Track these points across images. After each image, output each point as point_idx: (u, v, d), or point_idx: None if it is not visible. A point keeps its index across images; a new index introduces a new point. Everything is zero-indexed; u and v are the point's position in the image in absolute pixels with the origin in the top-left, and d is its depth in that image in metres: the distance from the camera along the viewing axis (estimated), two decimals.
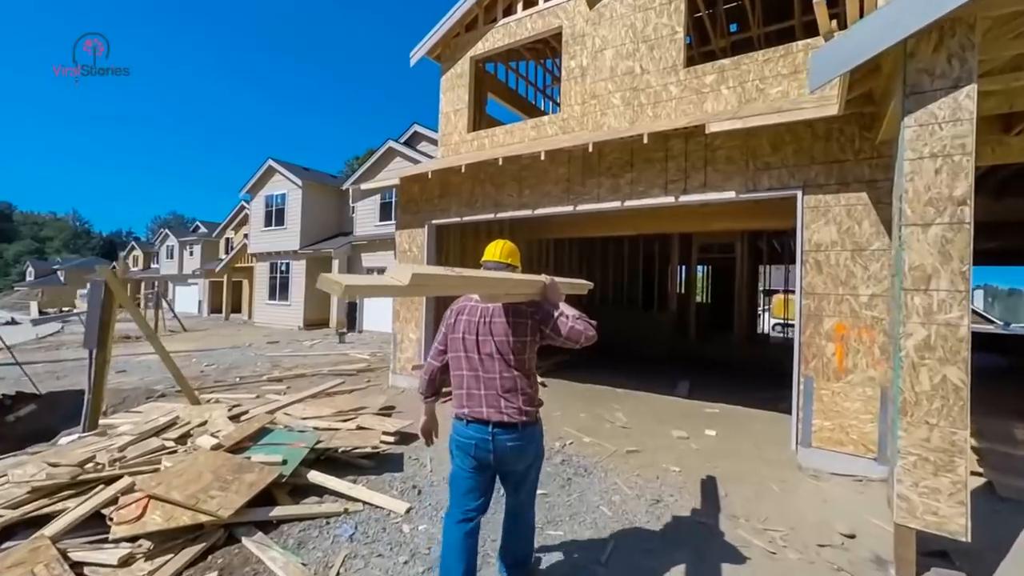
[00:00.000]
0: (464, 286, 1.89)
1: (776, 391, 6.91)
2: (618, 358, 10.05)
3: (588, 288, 3.11)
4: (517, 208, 5.77)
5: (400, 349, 6.92)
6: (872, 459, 3.65)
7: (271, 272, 17.72)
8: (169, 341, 14.00)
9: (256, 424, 3.54)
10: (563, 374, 7.95)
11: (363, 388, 6.92)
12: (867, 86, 3.31)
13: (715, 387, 7.19)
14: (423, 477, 3.67)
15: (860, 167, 3.81)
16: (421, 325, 6.66)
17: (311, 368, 9.12)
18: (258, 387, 7.18)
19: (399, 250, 7.00)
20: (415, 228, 6.79)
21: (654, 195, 4.85)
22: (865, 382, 3.73)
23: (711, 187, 4.53)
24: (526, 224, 9.31)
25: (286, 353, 11.42)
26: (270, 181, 17.58)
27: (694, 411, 5.79)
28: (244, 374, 8.57)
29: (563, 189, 5.43)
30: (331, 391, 6.37)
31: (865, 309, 3.75)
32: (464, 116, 7.14)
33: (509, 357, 2.00)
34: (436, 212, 6.55)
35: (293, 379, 7.93)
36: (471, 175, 6.16)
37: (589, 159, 5.24)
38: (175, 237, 30.43)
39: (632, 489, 3.54)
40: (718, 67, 5.00)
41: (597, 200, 5.20)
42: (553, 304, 2.04)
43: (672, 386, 7.18)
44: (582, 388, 6.96)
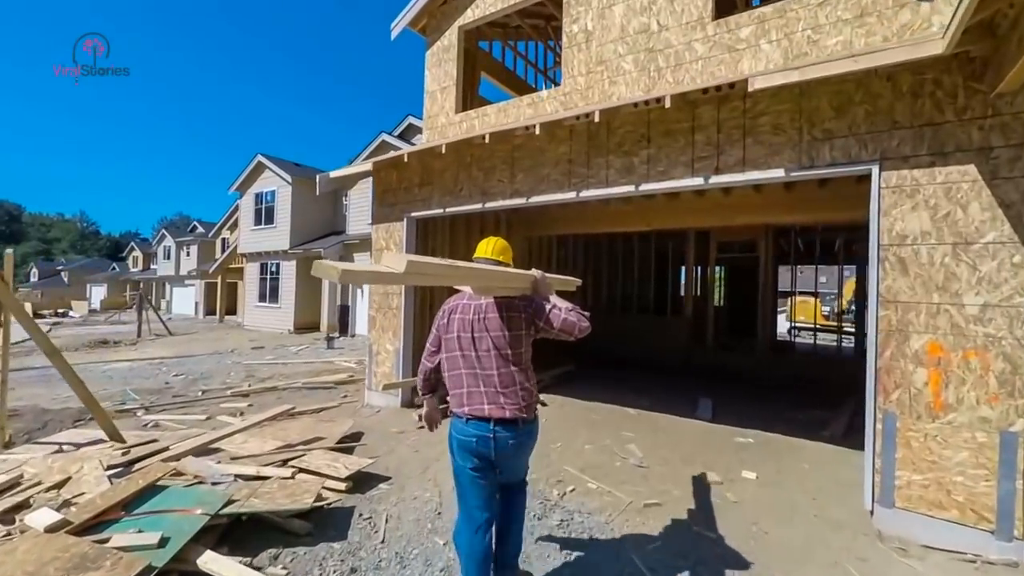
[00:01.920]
0: (457, 277, 1.89)
1: (816, 411, 5.88)
2: (628, 369, 9.05)
3: (576, 285, 3.04)
4: (509, 196, 4.81)
5: (376, 363, 5.98)
6: (989, 532, 2.64)
7: (261, 273, 16.90)
8: (149, 346, 13.25)
9: (140, 482, 2.61)
10: (566, 389, 6.97)
11: (335, 407, 5.99)
12: (995, 6, 2.32)
13: (743, 406, 6.17)
14: (369, 551, 2.71)
15: (966, 130, 2.81)
16: (400, 335, 5.72)
17: (286, 380, 8.22)
18: (218, 404, 6.29)
19: (375, 248, 6.07)
20: (393, 222, 5.85)
21: (677, 176, 3.86)
22: (975, 424, 2.73)
23: (752, 164, 3.54)
24: (522, 217, 8.34)
25: (267, 360, 10.55)
26: (260, 178, 16.76)
27: (723, 440, 4.78)
28: (213, 385, 7.70)
29: (563, 172, 4.47)
30: (293, 413, 5.45)
31: (974, 324, 2.75)
32: (452, 95, 6.20)
33: (506, 352, 2.00)
34: (416, 203, 5.61)
35: (261, 393, 7.03)
36: (455, 158, 5.22)
37: (595, 134, 4.28)
38: (172, 237, 29.83)
39: (655, 573, 2.56)
40: (757, 17, 4.01)
41: (605, 184, 4.22)
42: (544, 298, 2.05)
43: (693, 405, 6.18)
44: (587, 408, 5.97)
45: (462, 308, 2.10)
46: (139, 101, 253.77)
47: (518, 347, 2.02)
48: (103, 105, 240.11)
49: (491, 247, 2.20)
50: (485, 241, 2.24)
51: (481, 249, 2.21)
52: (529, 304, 2.04)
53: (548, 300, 2.05)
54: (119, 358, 10.87)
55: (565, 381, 7.66)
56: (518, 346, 2.02)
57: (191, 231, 31.57)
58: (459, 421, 2.04)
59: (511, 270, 2.13)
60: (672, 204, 6.96)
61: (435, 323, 2.23)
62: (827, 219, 6.33)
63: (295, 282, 15.70)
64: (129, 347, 13.06)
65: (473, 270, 1.89)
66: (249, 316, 17.30)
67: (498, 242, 2.23)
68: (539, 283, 2.10)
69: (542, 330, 2.03)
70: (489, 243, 2.22)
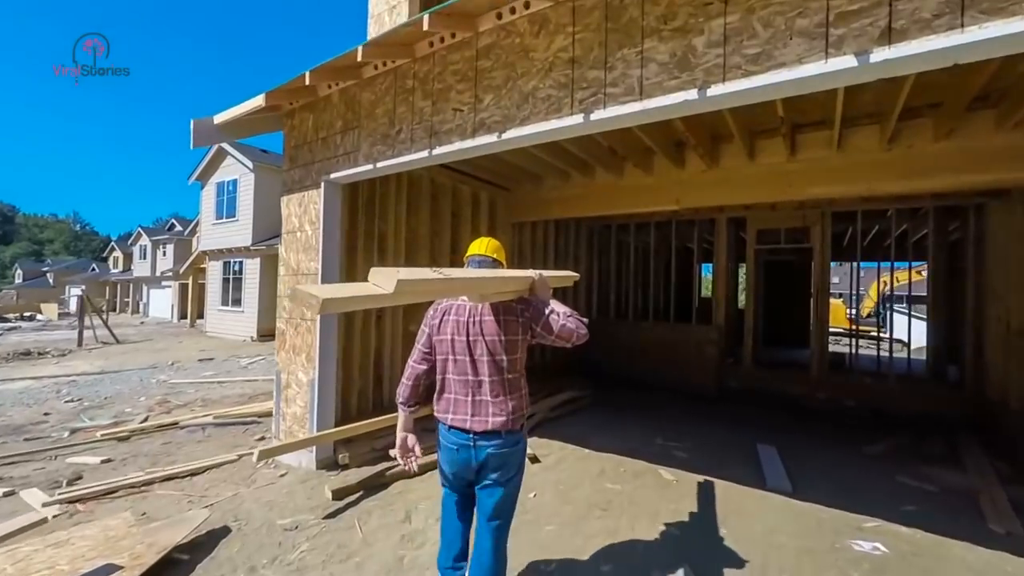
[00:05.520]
0: (452, 290, 1.78)
1: (937, 469, 3.91)
2: (646, 392, 7.10)
3: (574, 279, 2.67)
4: (470, 133, 2.86)
5: (284, 399, 4.04)
6: None
7: (224, 273, 15.00)
8: (80, 359, 11.25)
9: None
10: (568, 428, 5.03)
11: (231, 461, 4.06)
12: None
13: (823, 459, 4.23)
14: None
15: None
16: (315, 358, 3.78)
17: (205, 407, 6.32)
18: (69, 455, 4.38)
19: (285, 230, 4.13)
20: (308, 190, 3.93)
21: (789, 58, 1.92)
22: None
23: (973, 14, 1.61)
24: (509, 201, 6.41)
25: (203, 378, 8.63)
26: (221, 165, 14.86)
27: (832, 544, 2.83)
28: (103, 418, 5.80)
29: (561, 81, 2.53)
30: (136, 484, 3.52)
31: None
32: (404, 10, 4.27)
33: (501, 358, 1.90)
34: (337, 160, 3.68)
35: (150, 434, 5.10)
36: (391, 80, 3.30)
37: (619, 6, 2.34)
38: (147, 236, 28.01)
39: None
40: None
41: (637, 93, 2.27)
42: (543, 301, 1.95)
43: (749, 458, 4.24)
44: (599, 466, 4.03)
45: (456, 309, 1.98)
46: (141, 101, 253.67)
47: (513, 352, 1.92)
48: (104, 105, 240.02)
49: (485, 246, 2.08)
50: (477, 242, 2.12)
51: (474, 248, 2.09)
52: (527, 307, 1.93)
53: (547, 304, 1.92)
54: (29, 374, 8.96)
55: (568, 413, 5.72)
56: (513, 351, 1.92)
57: (169, 229, 29.75)
58: (442, 427, 1.96)
59: (509, 273, 2.00)
60: (710, 176, 5.04)
61: (424, 322, 2.09)
62: (945, 186, 4.43)
63: (259, 283, 13.78)
64: (56, 359, 11.16)
65: (470, 281, 1.75)
66: (211, 321, 15.40)
67: (491, 242, 2.11)
68: (538, 284, 1.98)
69: (539, 335, 1.91)
70: (482, 243, 2.11)
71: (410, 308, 5.32)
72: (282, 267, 4.12)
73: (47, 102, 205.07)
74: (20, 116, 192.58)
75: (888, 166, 4.20)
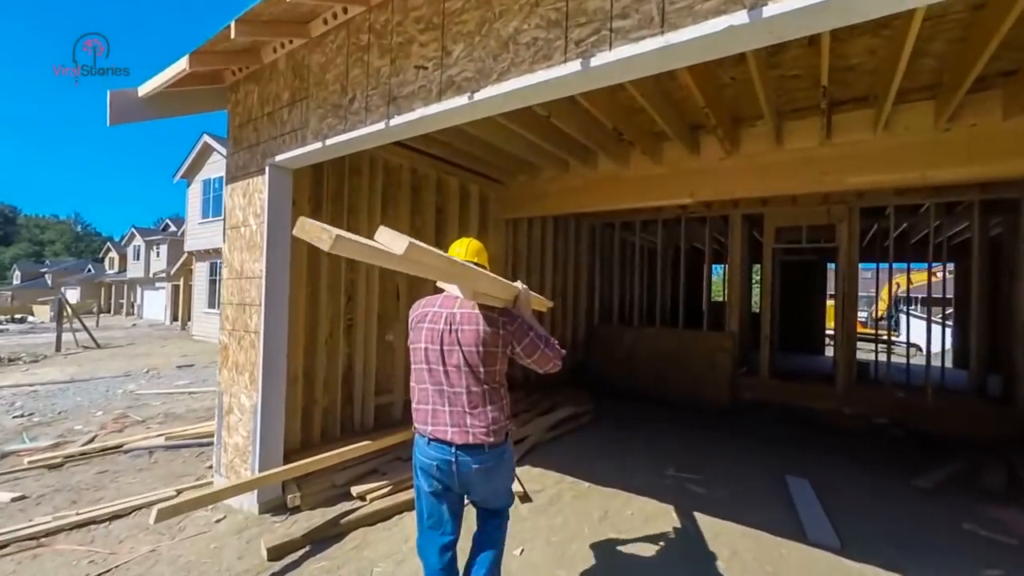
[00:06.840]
0: (450, 274, 1.67)
1: (1010, 513, 3.25)
2: (654, 410, 6.42)
3: (549, 306, 2.59)
4: (436, 96, 2.21)
5: (227, 427, 3.39)
6: None
7: (210, 274, 14.39)
8: (53, 365, 10.56)
9: None
10: (565, 455, 4.35)
11: (166, 497, 3.42)
12: None
13: (866, 497, 3.55)
14: None
15: None
16: (258, 378, 3.13)
17: (164, 423, 5.71)
18: None
19: (228, 225, 3.48)
20: (252, 177, 3.28)
21: None
22: None
23: None
24: (502, 195, 5.75)
25: (173, 388, 8.02)
26: (207, 162, 14.27)
27: None
28: (47, 439, 5.17)
29: (551, 20, 1.87)
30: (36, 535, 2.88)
31: None
32: None
33: (479, 369, 1.81)
34: (283, 138, 3.03)
35: (89, 459, 4.47)
36: (344, 36, 2.65)
37: None
38: (141, 237, 27.46)
39: None
40: None
41: (656, 24, 1.62)
42: (525, 320, 1.89)
43: (778, 494, 3.57)
44: (602, 507, 3.35)
45: (432, 317, 1.88)
46: None
47: (491, 364, 1.82)
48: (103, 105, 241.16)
49: (465, 248, 2.01)
50: (458, 242, 2.06)
51: (454, 251, 2.01)
52: (511, 321, 1.85)
53: (529, 324, 1.86)
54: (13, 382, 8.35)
55: (567, 432, 5.06)
56: (492, 363, 1.82)
57: (163, 229, 29.19)
58: (421, 440, 1.88)
59: (498, 277, 1.90)
60: (729, 164, 4.38)
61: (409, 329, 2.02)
62: (1020, 171, 3.74)
63: None
64: (26, 365, 10.56)
65: (466, 270, 1.71)
66: (198, 324, 14.80)
67: (472, 243, 2.05)
68: (521, 299, 1.95)
69: (516, 355, 1.86)
70: (462, 244, 2.04)
71: (385, 316, 4.67)
72: (225, 268, 3.47)
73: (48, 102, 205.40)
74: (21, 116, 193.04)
75: (946, 149, 3.53)
